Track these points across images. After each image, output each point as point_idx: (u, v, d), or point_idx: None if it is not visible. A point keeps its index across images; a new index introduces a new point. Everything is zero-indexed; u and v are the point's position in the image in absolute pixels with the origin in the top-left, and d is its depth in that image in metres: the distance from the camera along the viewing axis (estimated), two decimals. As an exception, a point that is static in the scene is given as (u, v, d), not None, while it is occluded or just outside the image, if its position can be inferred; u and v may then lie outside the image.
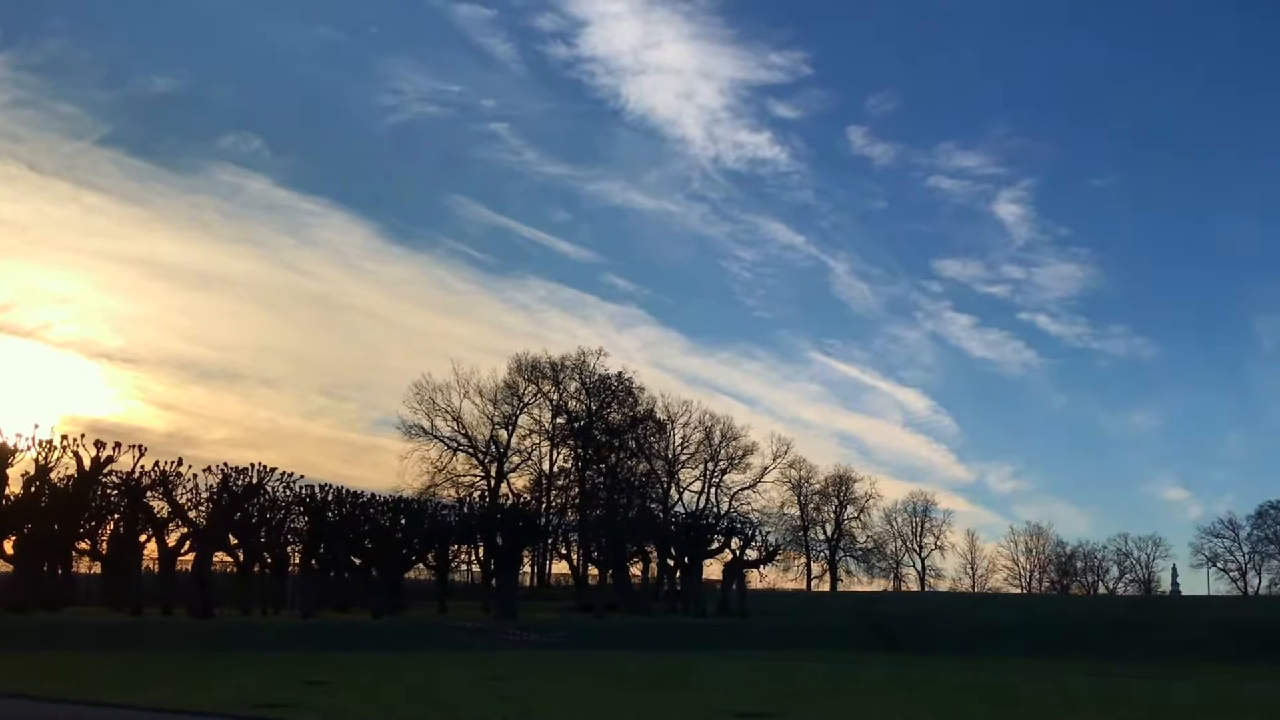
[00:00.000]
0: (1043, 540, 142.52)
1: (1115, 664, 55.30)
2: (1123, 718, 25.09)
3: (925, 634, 72.05)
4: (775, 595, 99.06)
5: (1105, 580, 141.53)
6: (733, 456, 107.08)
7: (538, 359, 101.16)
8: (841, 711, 23.71)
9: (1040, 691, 32.62)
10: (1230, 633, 67.46)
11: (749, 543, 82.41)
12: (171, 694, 23.03)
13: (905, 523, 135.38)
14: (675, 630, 65.08)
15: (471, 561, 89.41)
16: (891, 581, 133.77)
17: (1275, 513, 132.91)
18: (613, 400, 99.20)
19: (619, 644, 56.29)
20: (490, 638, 54.74)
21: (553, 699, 24.80)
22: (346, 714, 20.92)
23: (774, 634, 67.82)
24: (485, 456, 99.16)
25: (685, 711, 22.81)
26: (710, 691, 28.42)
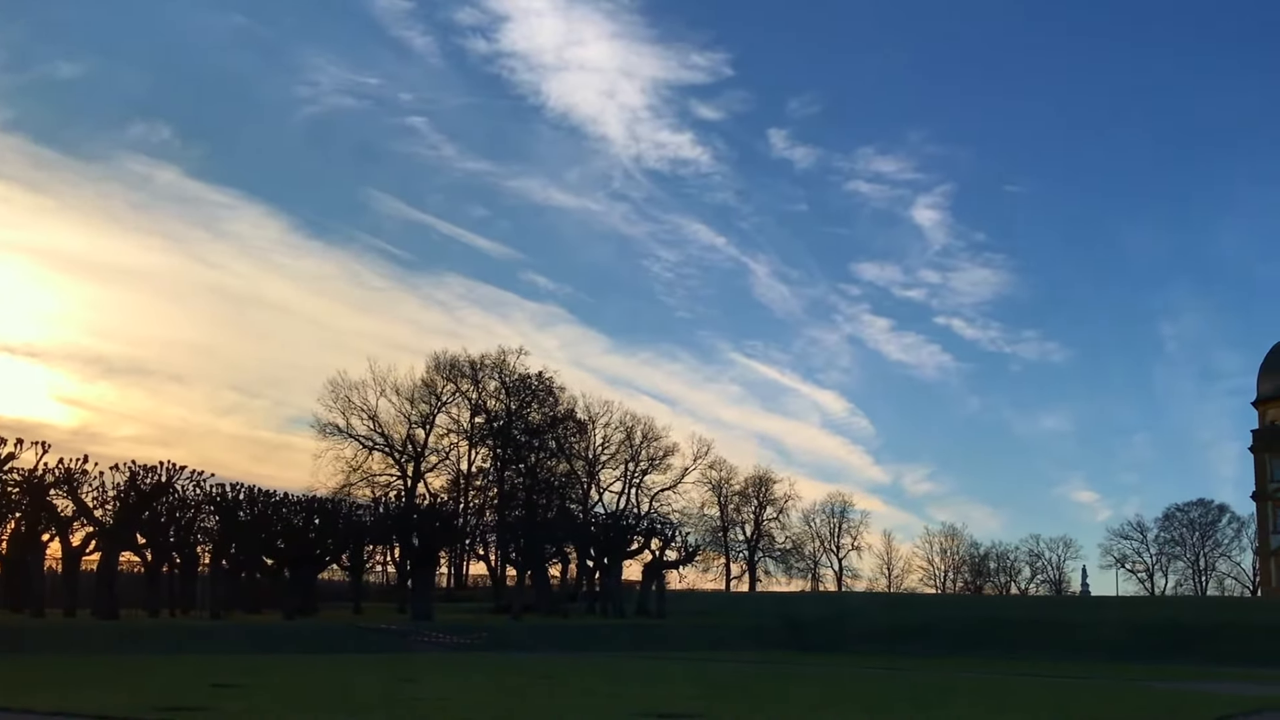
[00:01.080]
0: (957, 541, 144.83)
1: (1026, 663, 56.14)
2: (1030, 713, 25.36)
3: (842, 634, 72.58)
4: (694, 596, 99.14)
5: (1018, 581, 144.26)
6: (653, 457, 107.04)
7: (456, 357, 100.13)
8: (758, 711, 23.57)
9: (949, 689, 32.90)
10: (1137, 632, 68.86)
11: (669, 543, 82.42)
12: (75, 698, 22.16)
13: (823, 523, 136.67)
14: (594, 631, 64.77)
15: (387, 562, 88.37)
16: (809, 582, 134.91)
17: (1181, 515, 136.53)
18: (533, 400, 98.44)
19: (537, 646, 55.90)
20: (406, 640, 53.99)
21: (468, 701, 24.34)
22: (256, 717, 20.29)
23: (693, 635, 67.83)
24: (402, 456, 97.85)
25: (603, 713, 22.51)
26: (628, 692, 28.16)
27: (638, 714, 21.88)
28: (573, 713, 22.40)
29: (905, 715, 23.98)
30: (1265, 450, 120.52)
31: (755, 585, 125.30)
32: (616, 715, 22.00)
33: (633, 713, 22.24)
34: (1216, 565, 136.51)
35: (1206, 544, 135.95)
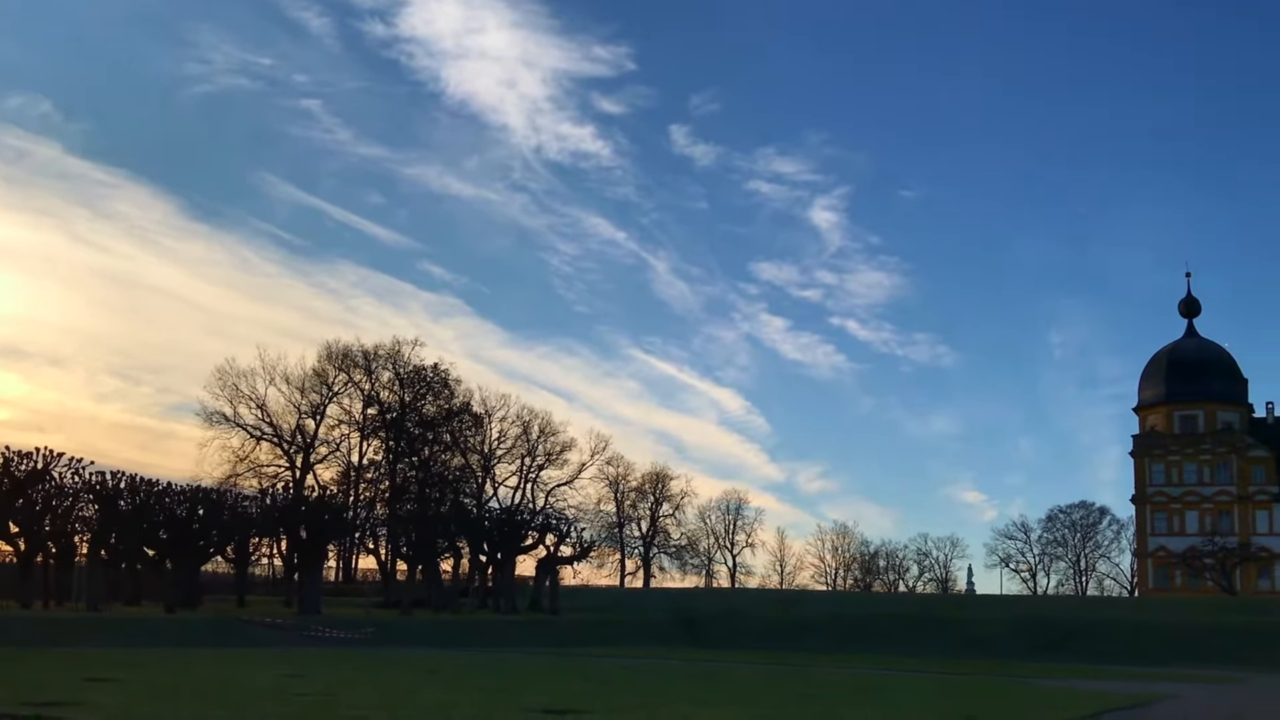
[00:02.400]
0: (848, 539, 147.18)
1: (912, 659, 56.98)
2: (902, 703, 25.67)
3: (735, 630, 73.01)
4: (588, 592, 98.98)
5: (906, 578, 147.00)
6: (550, 452, 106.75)
7: (349, 347, 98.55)
8: (648, 708, 23.43)
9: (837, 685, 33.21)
10: (1019, 630, 70.46)
11: (563, 539, 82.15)
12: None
13: (718, 520, 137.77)
14: (485, 627, 64.21)
15: (273, 555, 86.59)
16: (703, 578, 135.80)
17: (1064, 517, 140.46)
18: (428, 392, 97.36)
19: (427, 641, 55.16)
20: (291, 634, 52.88)
21: (353, 698, 23.76)
22: (131, 713, 19.52)
23: (586, 631, 67.62)
24: (291, 446, 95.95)
25: (491, 709, 22.14)
26: (518, 689, 27.82)
27: (527, 710, 21.55)
28: (460, 709, 21.99)
29: (792, 711, 24.04)
30: (1145, 455, 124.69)
31: (650, 581, 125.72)
32: (505, 712, 21.64)
33: (522, 709, 21.91)
34: (1097, 566, 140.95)
35: (1087, 545, 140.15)
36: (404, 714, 20.79)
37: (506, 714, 21.30)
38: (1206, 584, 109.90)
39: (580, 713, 21.24)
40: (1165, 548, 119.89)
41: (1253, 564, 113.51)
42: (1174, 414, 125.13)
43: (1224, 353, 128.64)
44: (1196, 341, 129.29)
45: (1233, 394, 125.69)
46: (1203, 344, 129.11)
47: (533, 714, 20.88)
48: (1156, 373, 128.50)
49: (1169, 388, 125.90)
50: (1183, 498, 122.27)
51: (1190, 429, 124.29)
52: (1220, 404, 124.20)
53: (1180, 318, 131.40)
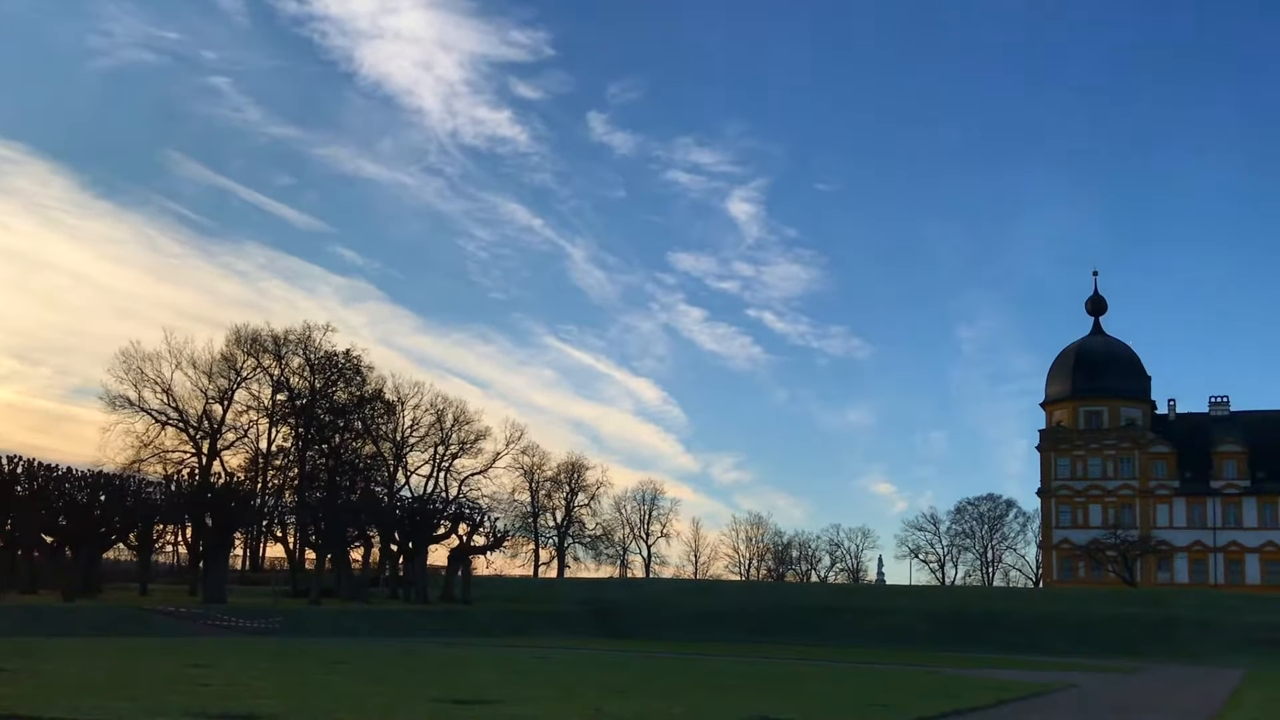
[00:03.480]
0: (762, 530, 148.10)
1: (823, 648, 57.50)
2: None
3: (648, 620, 73.11)
4: (501, 582, 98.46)
5: (818, 569, 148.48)
6: (464, 441, 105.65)
7: (258, 331, 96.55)
8: (558, 697, 23.17)
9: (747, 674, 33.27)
10: (928, 620, 71.55)
11: (476, 529, 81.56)
12: None
13: (634, 510, 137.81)
14: (396, 617, 63.48)
15: (178, 543, 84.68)
16: (618, 568, 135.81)
17: (972, 509, 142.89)
18: (339, 378, 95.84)
19: (336, 631, 54.36)
20: (196, 623, 51.81)
21: (258, 688, 23.14)
22: (22, 705, 18.73)
23: (498, 620, 67.21)
24: (197, 432, 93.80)
25: (399, 700, 21.70)
26: (428, 679, 27.38)
27: (436, 701, 21.15)
28: (368, 700, 21.51)
29: (704, 701, 23.94)
30: (1051, 449, 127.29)
31: (564, 572, 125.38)
32: (412, 702, 21.21)
33: (431, 699, 21.50)
34: (1003, 557, 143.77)
35: (994, 537, 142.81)
36: (310, 704, 20.26)
37: (415, 705, 20.86)
38: (1109, 576, 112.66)
39: (491, 703, 20.90)
40: (1069, 540, 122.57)
41: (1153, 556, 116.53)
42: (1079, 410, 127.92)
43: (1129, 351, 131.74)
44: (1102, 339, 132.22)
45: (1136, 391, 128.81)
46: (1108, 342, 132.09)
47: (442, 704, 20.48)
48: (1063, 369, 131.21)
49: (1075, 384, 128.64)
50: (1087, 491, 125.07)
51: (1095, 425, 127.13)
52: (1124, 401, 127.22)
53: (1087, 316, 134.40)
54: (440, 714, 19.12)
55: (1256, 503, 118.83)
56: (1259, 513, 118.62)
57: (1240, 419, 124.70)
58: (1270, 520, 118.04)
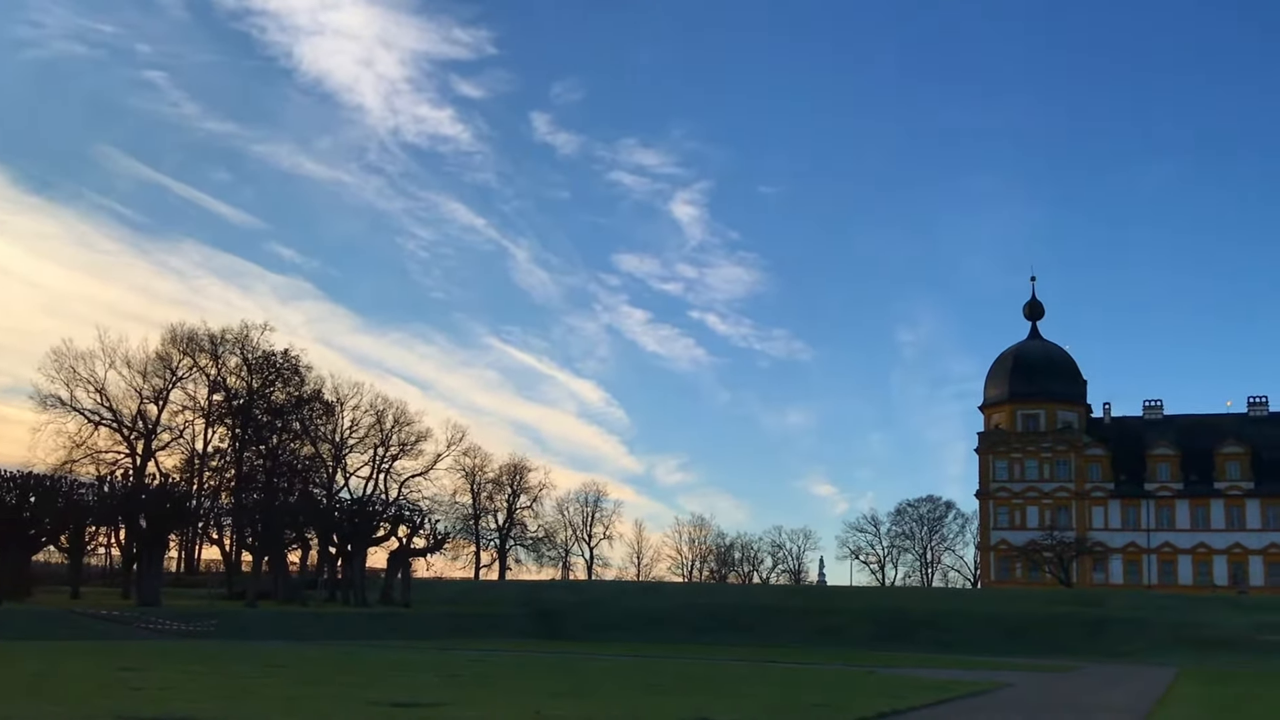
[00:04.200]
0: (704, 531, 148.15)
1: (764, 649, 57.64)
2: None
3: (591, 622, 72.93)
4: (442, 584, 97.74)
5: (760, 570, 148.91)
6: (405, 442, 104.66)
7: (195, 330, 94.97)
8: (499, 701, 22.97)
9: (687, 675, 33.23)
10: (868, 621, 72.00)
11: (416, 531, 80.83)
12: None
13: (576, 512, 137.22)
14: (334, 620, 62.76)
15: (111, 545, 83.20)
16: (560, 570, 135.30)
17: (911, 510, 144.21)
18: (277, 378, 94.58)
19: (272, 634, 53.61)
20: (128, 627, 50.86)
21: (191, 692, 22.71)
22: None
23: (438, 623, 66.67)
24: (131, 432, 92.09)
25: (336, 703, 21.40)
26: (366, 682, 27.05)
27: (374, 704, 20.86)
28: (305, 703, 21.20)
29: (645, 702, 23.86)
30: (989, 451, 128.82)
31: (505, 574, 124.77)
32: (349, 705, 20.92)
33: (369, 703, 21.21)
34: (942, 558, 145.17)
35: (934, 538, 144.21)
36: (245, 709, 19.92)
37: (352, 708, 20.58)
38: (1045, 576, 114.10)
39: (430, 706, 20.67)
40: (1007, 541, 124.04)
41: (1088, 557, 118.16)
42: (1017, 413, 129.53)
43: (1065, 355, 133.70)
44: (1039, 343, 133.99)
45: (1072, 395, 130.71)
46: (1045, 346, 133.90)
47: (380, 708, 20.22)
48: (1001, 373, 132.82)
49: (1013, 387, 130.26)
50: (1024, 493, 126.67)
51: (1032, 427, 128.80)
52: (1060, 404, 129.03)
53: (1025, 320, 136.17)
54: (378, 717, 18.88)
55: (1189, 505, 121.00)
56: (1191, 515, 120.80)
57: (1173, 423, 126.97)
58: (1202, 522, 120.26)
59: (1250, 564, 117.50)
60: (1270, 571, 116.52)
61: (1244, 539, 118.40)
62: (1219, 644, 64.67)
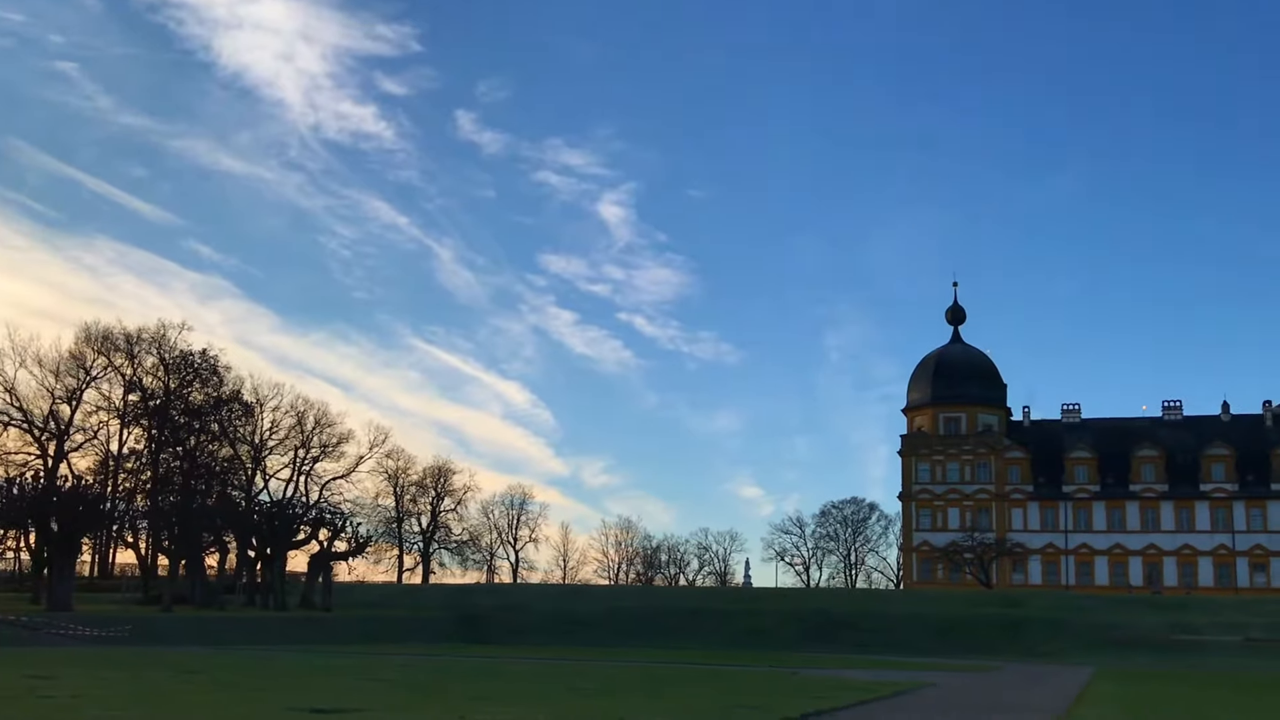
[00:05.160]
0: (631, 534, 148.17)
1: (690, 651, 57.64)
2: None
3: (516, 626, 72.44)
4: (364, 588, 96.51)
5: (686, 572, 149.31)
6: (326, 444, 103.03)
7: (110, 329, 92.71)
8: (420, 706, 22.60)
9: (613, 678, 33.07)
10: (793, 622, 72.39)
11: (338, 534, 79.80)
12: None
13: (501, 515, 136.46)
14: (253, 625, 61.65)
15: (20, 549, 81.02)
16: (485, 574, 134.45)
17: (836, 512, 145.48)
18: (195, 378, 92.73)
19: (190, 640, 52.52)
20: (39, 633, 49.54)
21: (105, 699, 22.05)
22: None
23: (360, 628, 65.81)
24: (42, 433, 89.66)
25: (254, 709, 20.90)
26: (286, 688, 26.51)
27: (293, 710, 20.38)
28: (220, 709, 20.66)
29: (569, 706, 23.63)
30: (911, 454, 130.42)
31: (429, 578, 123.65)
32: (267, 711, 20.43)
33: (287, 709, 20.72)
34: (866, 559, 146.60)
35: (858, 540, 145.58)
36: (159, 715, 19.38)
37: (270, 714, 20.12)
38: (966, 577, 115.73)
39: (351, 711, 20.24)
40: (929, 543, 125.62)
41: (1008, 558, 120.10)
42: (939, 416, 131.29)
43: (986, 359, 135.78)
44: (961, 348, 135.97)
45: (993, 398, 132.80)
46: (967, 350, 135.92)
47: (299, 714, 19.76)
48: (924, 376, 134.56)
49: (935, 391, 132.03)
50: (945, 495, 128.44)
51: (954, 430, 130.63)
52: (981, 407, 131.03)
53: (947, 325, 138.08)
54: (296, 723, 18.44)
55: (1105, 507, 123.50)
56: (1107, 516, 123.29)
57: (1090, 426, 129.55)
58: (1118, 524, 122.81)
59: (1164, 565, 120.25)
60: (1184, 572, 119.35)
61: (1159, 540, 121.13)
62: (1135, 644, 65.98)
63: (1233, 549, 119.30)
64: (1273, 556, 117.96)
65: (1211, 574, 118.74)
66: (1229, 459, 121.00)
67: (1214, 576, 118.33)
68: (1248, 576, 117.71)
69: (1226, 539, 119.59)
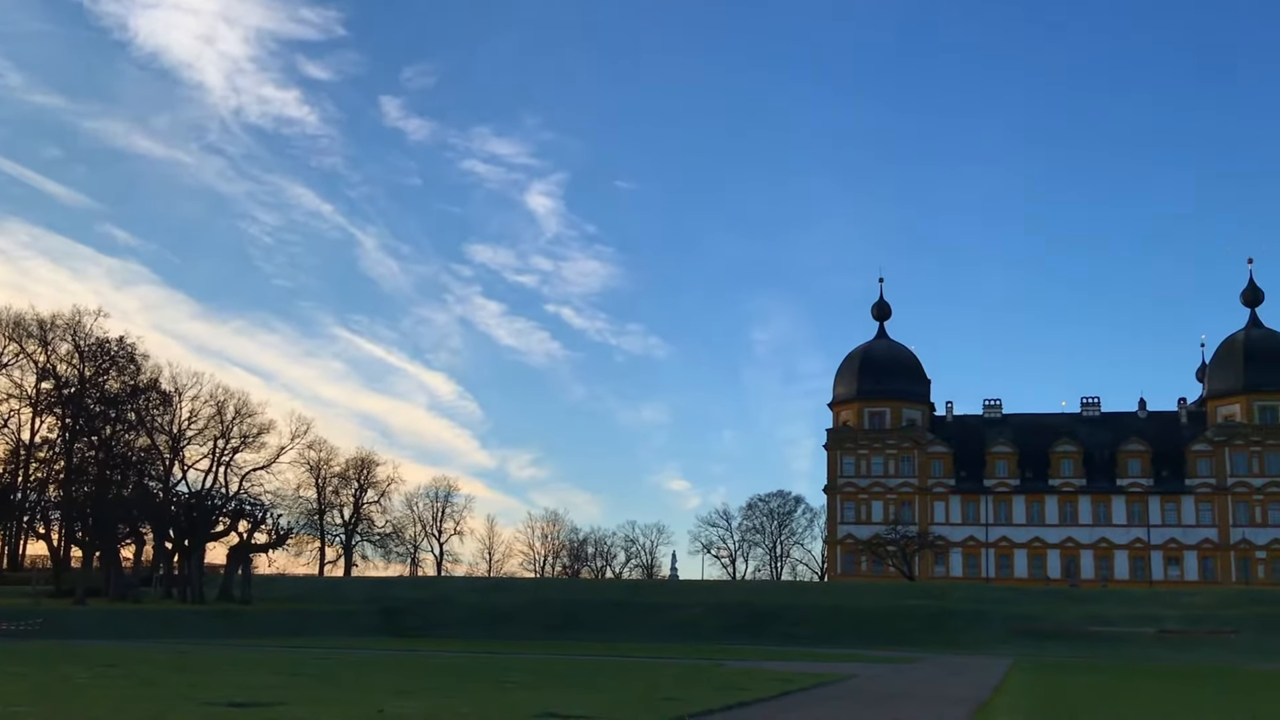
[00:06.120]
0: (558, 526, 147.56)
1: (616, 643, 57.57)
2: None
3: (440, 619, 71.88)
4: (285, 581, 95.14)
5: (613, 565, 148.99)
6: (246, 434, 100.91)
7: (22, 315, 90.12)
8: (341, 699, 22.20)
9: (538, 670, 32.87)
10: (719, 615, 72.64)
11: (258, 526, 78.55)
12: None
13: (426, 507, 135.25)
14: (169, 618, 60.52)
15: (-78, 542, 78.72)
16: (408, 567, 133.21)
17: (762, 505, 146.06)
18: (111, 366, 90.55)
19: (103, 633, 51.41)
20: (-57, 627, 48.03)
21: (11, 695, 21.40)
22: None
23: (281, 621, 64.87)
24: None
25: (169, 704, 20.37)
26: (202, 682, 25.92)
27: (209, 704, 19.91)
28: (133, 704, 20.12)
29: (491, 698, 23.38)
30: (837, 448, 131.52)
31: (351, 570, 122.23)
32: (183, 706, 19.92)
33: (203, 703, 20.22)
34: (791, 552, 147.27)
35: (783, 532, 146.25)
36: (70, 710, 18.81)
37: (186, 709, 19.62)
38: (889, 570, 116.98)
39: (269, 706, 19.84)
40: (853, 535, 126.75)
41: (930, 551, 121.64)
42: (864, 410, 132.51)
43: (910, 355, 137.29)
44: (886, 343, 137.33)
45: (917, 393, 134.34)
46: (892, 346, 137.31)
47: (216, 708, 19.32)
48: (850, 371, 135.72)
49: (860, 386, 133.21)
50: (870, 489, 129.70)
51: (878, 425, 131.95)
52: (905, 402, 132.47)
53: (873, 320, 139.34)
54: (214, 718, 17.99)
55: (1025, 501, 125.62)
56: (1027, 510, 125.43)
57: (1011, 421, 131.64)
58: (1037, 518, 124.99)
59: (1082, 558, 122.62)
60: (1100, 565, 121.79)
61: (1076, 534, 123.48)
62: (1052, 635, 67.19)
63: (1148, 543, 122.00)
64: (1186, 550, 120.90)
65: (1127, 567, 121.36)
66: (1145, 455, 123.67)
67: (1129, 569, 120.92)
68: (1162, 570, 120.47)
69: (1142, 533, 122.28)
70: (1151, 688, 33.82)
